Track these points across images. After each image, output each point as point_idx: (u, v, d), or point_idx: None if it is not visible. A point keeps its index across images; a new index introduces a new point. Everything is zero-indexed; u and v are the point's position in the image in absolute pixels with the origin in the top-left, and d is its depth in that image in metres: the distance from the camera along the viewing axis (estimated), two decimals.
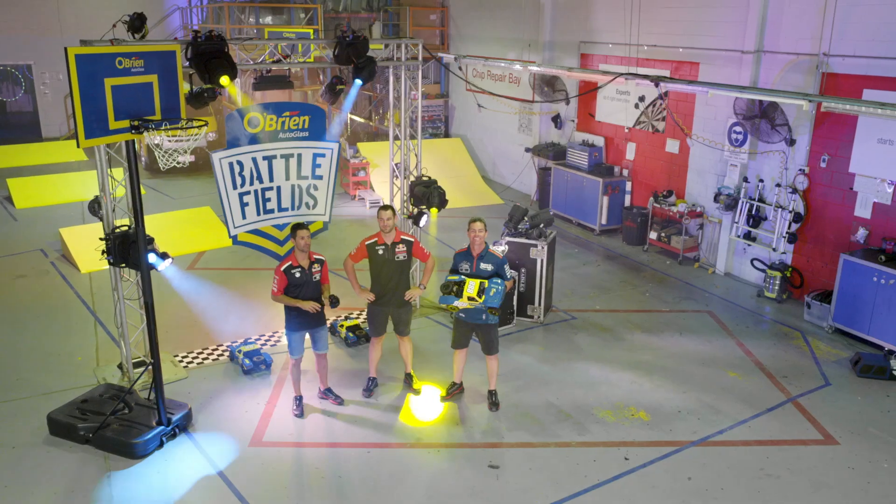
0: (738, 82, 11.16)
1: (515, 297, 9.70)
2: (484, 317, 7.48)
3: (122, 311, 7.84)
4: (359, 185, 16.48)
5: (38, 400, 7.68)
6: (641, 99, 13.59)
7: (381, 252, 7.58)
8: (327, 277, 7.49)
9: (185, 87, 7.04)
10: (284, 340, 9.10)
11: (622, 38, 13.57)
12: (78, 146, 5.76)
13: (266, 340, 9.22)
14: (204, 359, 8.71)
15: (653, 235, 13.01)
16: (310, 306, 7.13)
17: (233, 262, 12.06)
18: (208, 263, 12.04)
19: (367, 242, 7.65)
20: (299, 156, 8.64)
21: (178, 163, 6.28)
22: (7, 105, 22.81)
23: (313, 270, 7.28)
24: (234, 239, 8.47)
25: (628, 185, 14.05)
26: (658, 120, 13.29)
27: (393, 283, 7.65)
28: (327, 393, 7.78)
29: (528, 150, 16.42)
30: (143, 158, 18.71)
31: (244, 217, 8.46)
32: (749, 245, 11.57)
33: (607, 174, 14.01)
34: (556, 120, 15.79)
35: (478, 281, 7.23)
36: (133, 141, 6.25)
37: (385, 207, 7.61)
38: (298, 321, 7.30)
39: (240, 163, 8.23)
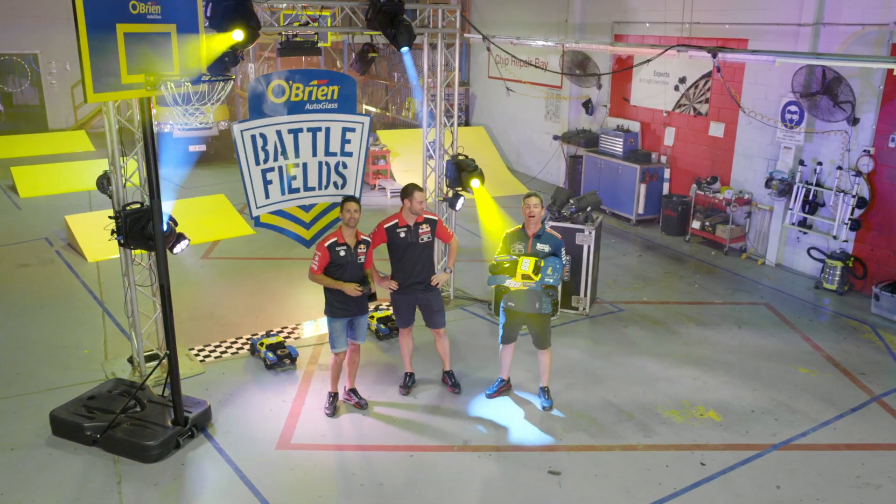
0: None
1: (561, 288, 8.89)
2: (538, 305, 6.70)
3: (133, 298, 7.08)
4: (379, 175, 15.72)
5: (41, 396, 6.92)
6: (682, 80, 12.79)
7: (403, 235, 6.81)
8: (371, 261, 6.73)
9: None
10: (308, 332, 8.43)
11: (660, 16, 12.79)
12: (85, 100, 4.99)
13: (290, 333, 8.45)
14: (222, 353, 7.95)
15: (695, 225, 12.20)
16: (352, 289, 6.36)
17: (250, 251, 11.30)
18: (223, 253, 11.28)
19: (385, 226, 6.87)
20: (327, 130, 7.87)
21: (201, 123, 5.49)
22: (13, 97, 22.11)
23: (359, 251, 6.53)
24: (257, 220, 7.70)
25: (667, 173, 13.24)
26: (701, 102, 12.48)
27: (418, 268, 6.89)
28: (352, 394, 6.97)
29: (556, 137, 15.63)
30: None
31: (267, 196, 7.69)
32: (804, 233, 10.75)
33: (644, 161, 13.20)
34: (588, 105, 14.99)
35: (532, 258, 6.45)
36: (148, 100, 5.48)
37: (418, 188, 6.85)
38: (342, 307, 6.54)
39: (263, 136, 7.46)
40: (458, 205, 8.83)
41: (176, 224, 7.12)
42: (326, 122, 7.85)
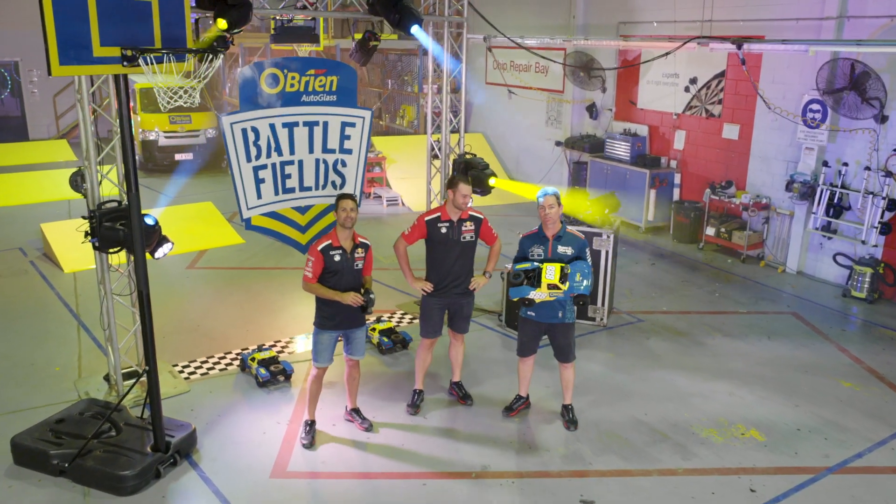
0: (817, 56, 9.81)
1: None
2: (561, 314, 6.03)
3: (109, 308, 6.35)
4: (374, 182, 15.05)
5: (2, 420, 6.14)
6: (693, 81, 12.23)
7: (444, 231, 6.14)
8: (370, 268, 6.02)
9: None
10: (303, 346, 7.71)
11: (669, 14, 12.23)
12: (49, 74, 4.29)
13: (284, 347, 7.73)
14: (209, 369, 7.22)
15: (710, 231, 11.58)
16: (351, 298, 5.65)
17: (239, 260, 10.58)
18: (211, 262, 10.55)
19: (427, 218, 6.21)
20: (325, 124, 7.20)
21: (186, 102, 4.78)
22: None
23: (356, 256, 5.81)
24: (248, 223, 7.00)
25: (677, 178, 12.65)
26: (713, 103, 11.91)
27: (457, 269, 6.20)
28: (354, 415, 6.25)
29: (558, 143, 15.02)
30: (136, 156, 17.25)
31: (259, 196, 7.00)
32: (829, 238, 10.15)
33: (653, 165, 12.60)
34: (592, 109, 14.40)
35: (558, 265, 5.77)
36: (124, 78, 4.79)
37: (464, 180, 6.18)
38: (334, 319, 5.81)
39: (255, 130, 6.78)
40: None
41: (159, 226, 6.43)
42: (324, 116, 7.18)
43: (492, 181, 7.86)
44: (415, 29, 7.12)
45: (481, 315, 8.66)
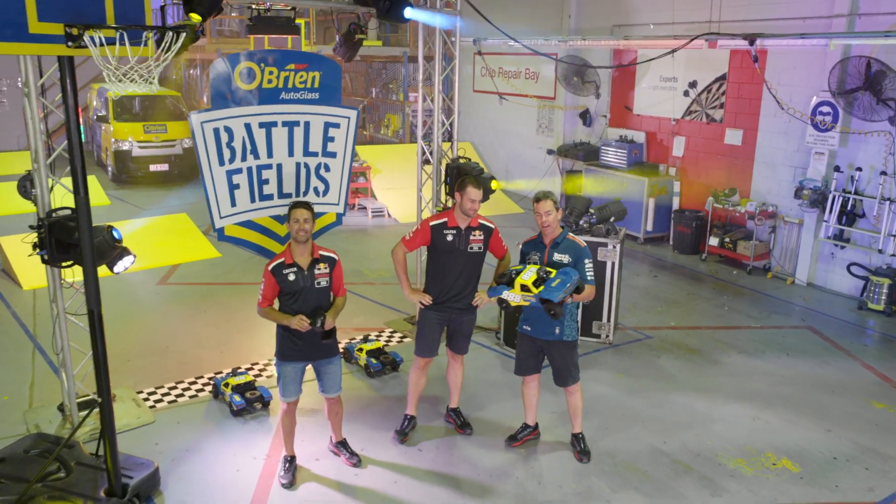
0: (825, 55, 9.32)
1: (581, 311, 7.60)
2: (557, 330, 5.37)
3: (62, 329, 5.63)
4: (358, 193, 14.39)
5: None
6: (692, 85, 11.71)
7: (450, 238, 5.49)
8: (342, 286, 5.29)
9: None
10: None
11: (667, 16, 11.71)
12: None
13: (261, 370, 7.02)
14: (178, 396, 6.48)
15: (713, 242, 11.02)
16: (296, 322, 4.92)
17: (214, 275, 9.85)
18: (184, 278, 9.81)
19: (432, 223, 5.56)
20: (307, 125, 6.53)
21: (148, 82, 4.06)
22: None
23: (316, 273, 5.08)
24: (220, 233, 6.29)
25: (676, 186, 12.10)
26: (714, 107, 11.39)
27: (461, 282, 5.55)
28: (340, 448, 5.55)
29: (550, 151, 14.46)
30: (109, 167, 16.51)
31: (234, 204, 6.30)
32: (841, 247, 9.62)
33: (651, 173, 12.04)
34: (585, 116, 13.86)
35: (536, 266, 5.17)
36: (70, 62, 4.09)
37: (474, 182, 5.53)
38: (294, 347, 5.10)
39: (228, 130, 6.09)
40: None
41: (119, 237, 5.71)
42: (305, 116, 6.51)
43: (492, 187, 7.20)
44: (409, 12, 6.49)
45: (478, 333, 7.98)
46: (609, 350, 7.71)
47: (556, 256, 5.34)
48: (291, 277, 5.02)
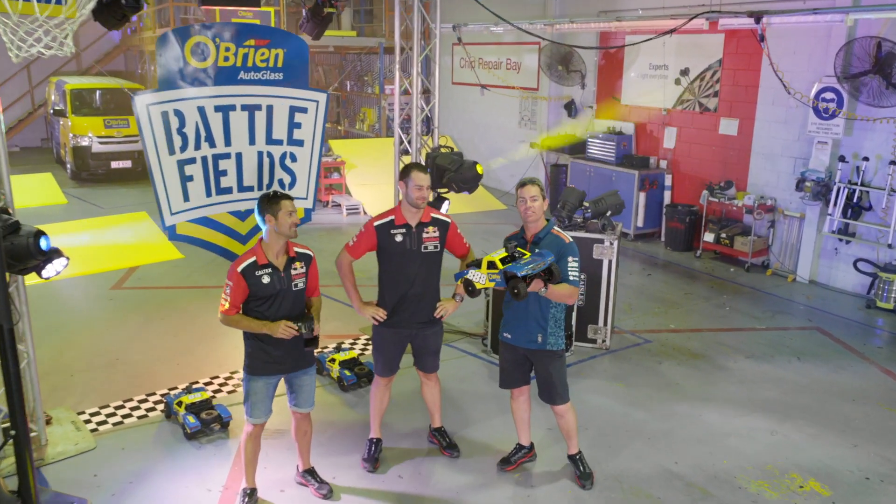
0: (829, 37, 8.77)
1: (575, 315, 6.95)
2: (540, 338, 4.65)
3: None
4: (332, 190, 13.63)
5: None
6: (684, 73, 11.12)
7: (399, 238, 4.76)
8: (317, 287, 4.61)
9: None
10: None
11: (656, 1, 11.11)
12: None
13: (221, 385, 6.27)
14: (125, 416, 5.72)
15: (708, 238, 10.43)
16: (282, 329, 4.24)
17: (176, 278, 9.06)
18: (142, 281, 9.02)
19: (377, 223, 4.83)
20: (269, 109, 5.80)
21: (50, 48, 3.29)
22: None
23: (293, 273, 4.39)
24: (171, 231, 5.55)
25: (668, 179, 11.50)
26: (708, 96, 10.80)
27: (418, 290, 4.82)
28: (308, 477, 4.83)
29: (534, 145, 13.81)
30: (68, 164, 15.60)
31: (187, 198, 5.55)
32: (847, 242, 9.06)
33: (642, 166, 11.44)
34: (570, 107, 13.24)
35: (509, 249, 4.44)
36: None
37: (420, 167, 4.85)
38: (268, 359, 4.39)
39: (179, 114, 5.35)
40: (443, 210, 6.80)
41: (47, 248, 4.92)
42: (268, 99, 5.78)
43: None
44: None
45: (461, 339, 7.32)
46: (606, 356, 7.06)
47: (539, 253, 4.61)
48: (266, 280, 4.30)
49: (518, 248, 4.43)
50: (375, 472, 5.01)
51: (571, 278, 4.48)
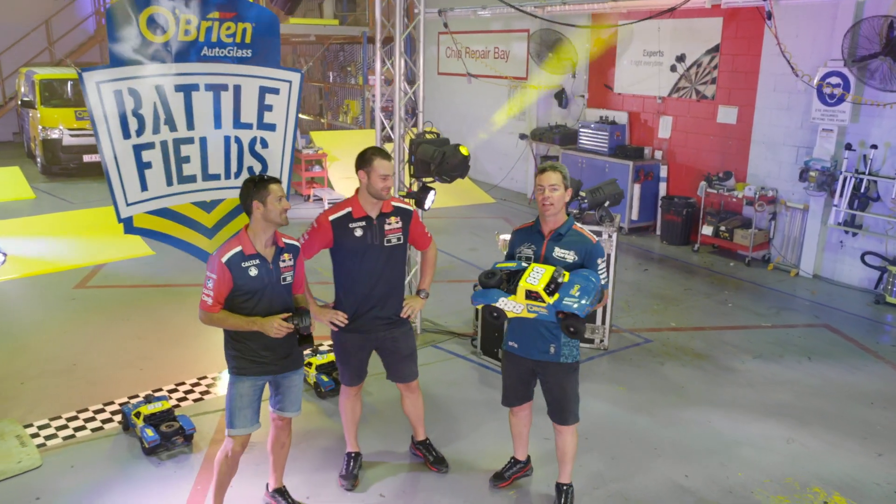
0: (835, 18, 8.34)
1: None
2: (553, 349, 4.09)
3: None
4: (314, 183, 13.09)
5: None
6: (680, 59, 10.65)
7: (359, 233, 4.23)
8: (303, 281, 4.12)
9: None
10: (220, 389, 5.72)
11: None
12: None
13: (187, 393, 5.74)
14: (78, 429, 5.17)
15: (707, 231, 9.97)
16: (276, 326, 3.75)
17: (145, 275, 8.49)
18: (109, 280, 8.44)
19: (332, 217, 4.26)
20: (237, 89, 5.25)
21: None
22: None
23: (282, 266, 3.90)
24: (128, 224, 4.99)
25: (663, 170, 11.04)
26: (705, 83, 10.34)
27: (382, 289, 4.31)
28: (278, 497, 4.30)
29: (523, 136, 13.32)
30: (38, 158, 14.96)
31: (145, 188, 5.00)
32: (853, 234, 8.63)
33: (636, 157, 10.97)
34: (561, 96, 12.75)
35: (550, 268, 3.83)
36: None
37: (383, 152, 4.30)
38: (255, 359, 3.89)
39: (134, 93, 4.80)
40: (428, 202, 6.24)
41: None
42: (235, 78, 5.24)
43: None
44: None
45: (449, 339, 6.82)
46: (605, 357, 6.58)
47: (558, 252, 4.01)
48: (253, 272, 3.79)
49: (562, 272, 3.81)
50: (354, 491, 4.50)
51: (603, 283, 3.95)
